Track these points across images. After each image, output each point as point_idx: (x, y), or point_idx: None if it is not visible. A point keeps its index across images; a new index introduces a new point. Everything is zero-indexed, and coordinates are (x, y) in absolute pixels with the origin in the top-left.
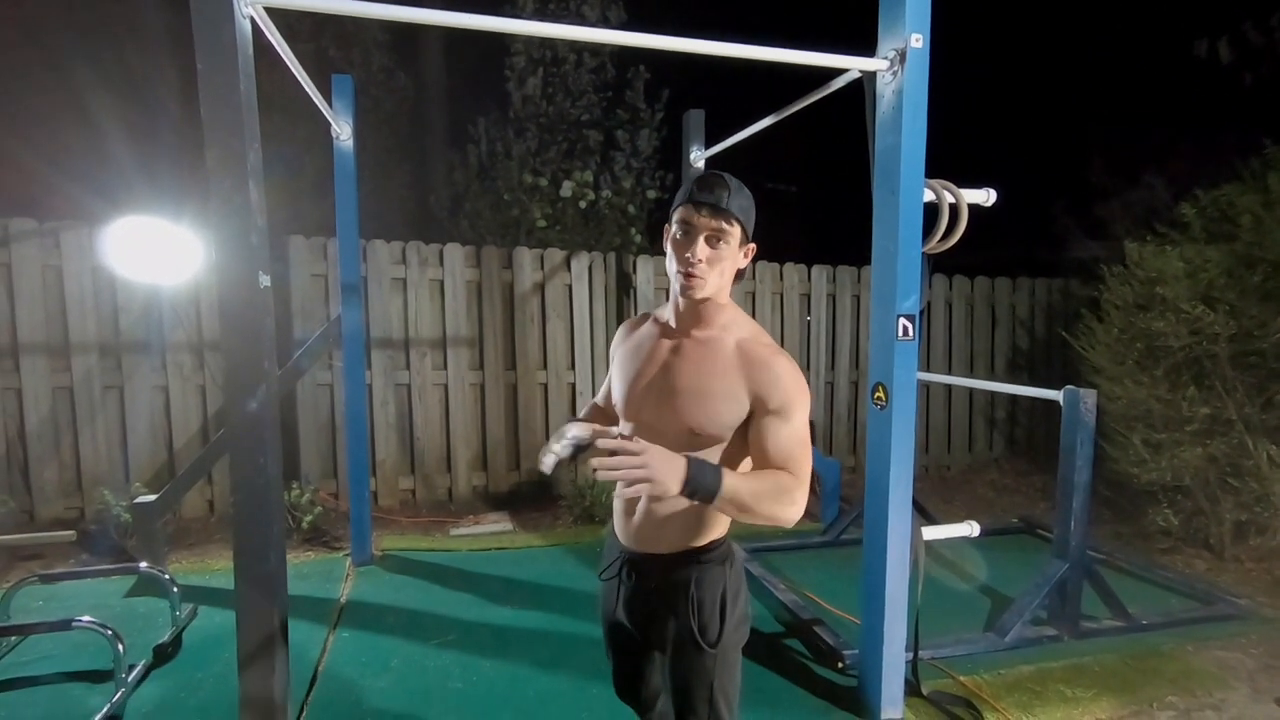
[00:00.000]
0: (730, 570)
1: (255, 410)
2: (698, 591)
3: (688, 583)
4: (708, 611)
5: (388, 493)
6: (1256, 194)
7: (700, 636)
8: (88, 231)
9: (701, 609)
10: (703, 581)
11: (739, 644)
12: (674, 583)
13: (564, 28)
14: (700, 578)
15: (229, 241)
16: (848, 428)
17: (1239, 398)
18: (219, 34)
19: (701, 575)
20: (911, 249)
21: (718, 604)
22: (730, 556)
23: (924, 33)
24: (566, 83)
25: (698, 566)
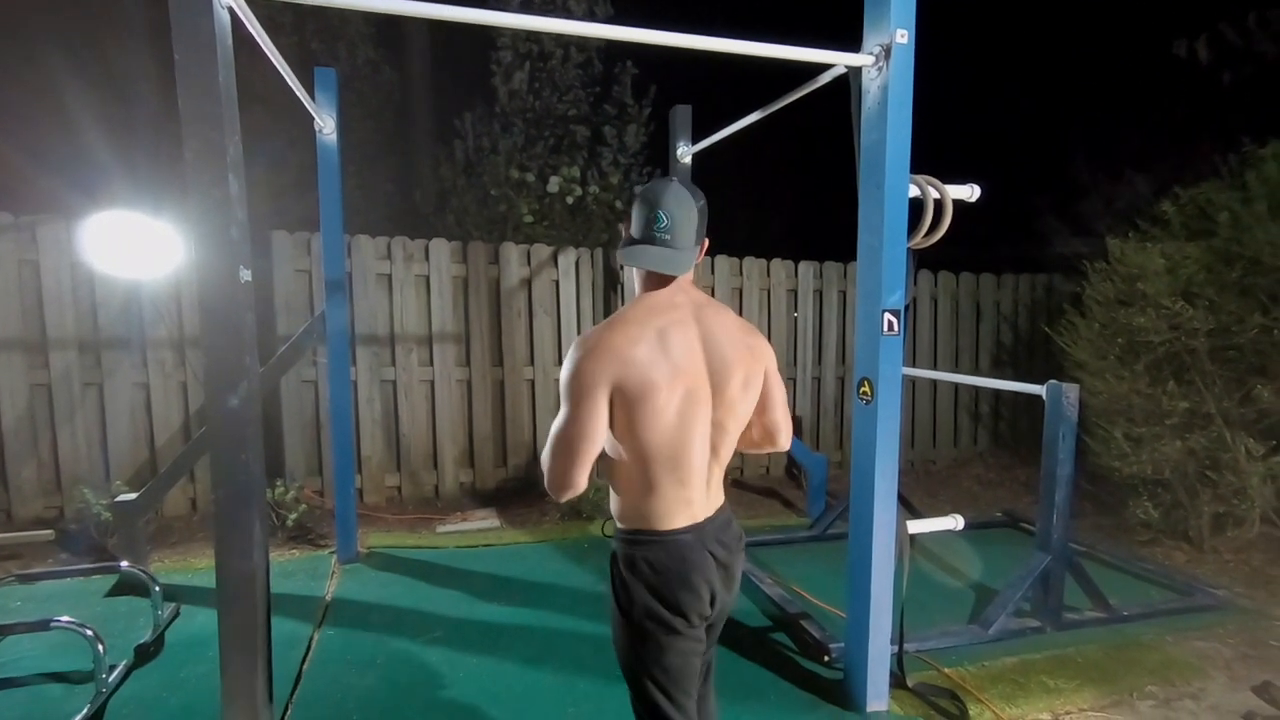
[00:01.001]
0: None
1: (236, 407)
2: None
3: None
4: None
5: (373, 490)
6: (1235, 191)
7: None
8: (65, 226)
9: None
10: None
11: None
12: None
13: (550, 21)
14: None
15: (209, 236)
16: (834, 423)
17: (1217, 392)
18: (197, 25)
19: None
20: (896, 244)
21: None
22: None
23: (909, 28)
24: (553, 78)
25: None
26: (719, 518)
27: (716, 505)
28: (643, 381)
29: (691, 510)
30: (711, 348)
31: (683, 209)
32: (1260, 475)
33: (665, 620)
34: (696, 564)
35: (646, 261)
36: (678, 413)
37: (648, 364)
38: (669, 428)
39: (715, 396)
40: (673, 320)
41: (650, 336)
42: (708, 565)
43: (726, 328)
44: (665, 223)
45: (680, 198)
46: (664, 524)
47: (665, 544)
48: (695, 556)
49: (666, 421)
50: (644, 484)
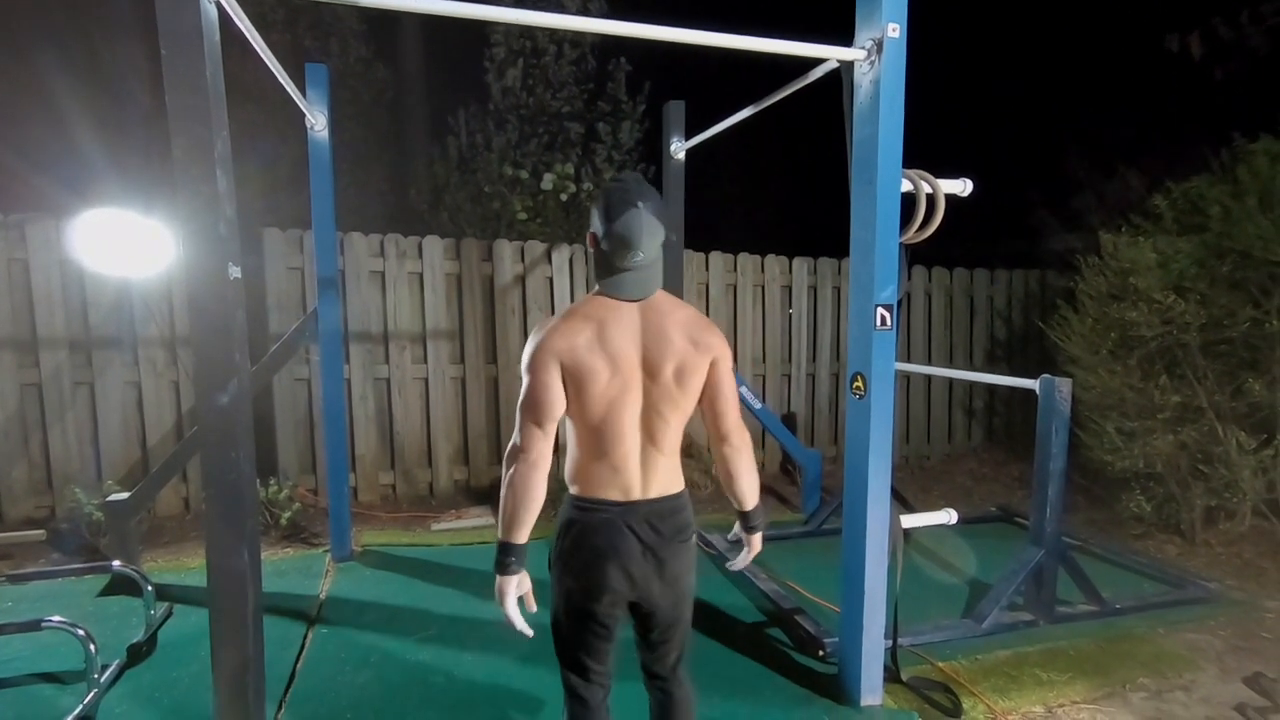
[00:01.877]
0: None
1: (226, 404)
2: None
3: (689, 524)
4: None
5: (368, 488)
6: (1226, 185)
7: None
8: (55, 224)
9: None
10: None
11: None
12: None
13: (543, 15)
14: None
15: (197, 232)
16: (829, 419)
17: (1209, 386)
18: (183, 19)
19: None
20: (889, 239)
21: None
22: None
23: (901, 22)
24: (547, 74)
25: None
26: (660, 504)
27: (659, 492)
28: (581, 365)
29: (623, 487)
30: (649, 339)
31: (654, 239)
32: (1251, 468)
33: (571, 587)
34: (614, 541)
35: (625, 292)
36: (609, 397)
37: (585, 350)
38: (601, 408)
39: (648, 382)
40: (616, 316)
41: (591, 329)
42: (627, 544)
43: (673, 320)
44: (640, 256)
45: (652, 229)
46: (594, 492)
47: (591, 513)
48: (613, 533)
49: (599, 403)
50: (582, 453)
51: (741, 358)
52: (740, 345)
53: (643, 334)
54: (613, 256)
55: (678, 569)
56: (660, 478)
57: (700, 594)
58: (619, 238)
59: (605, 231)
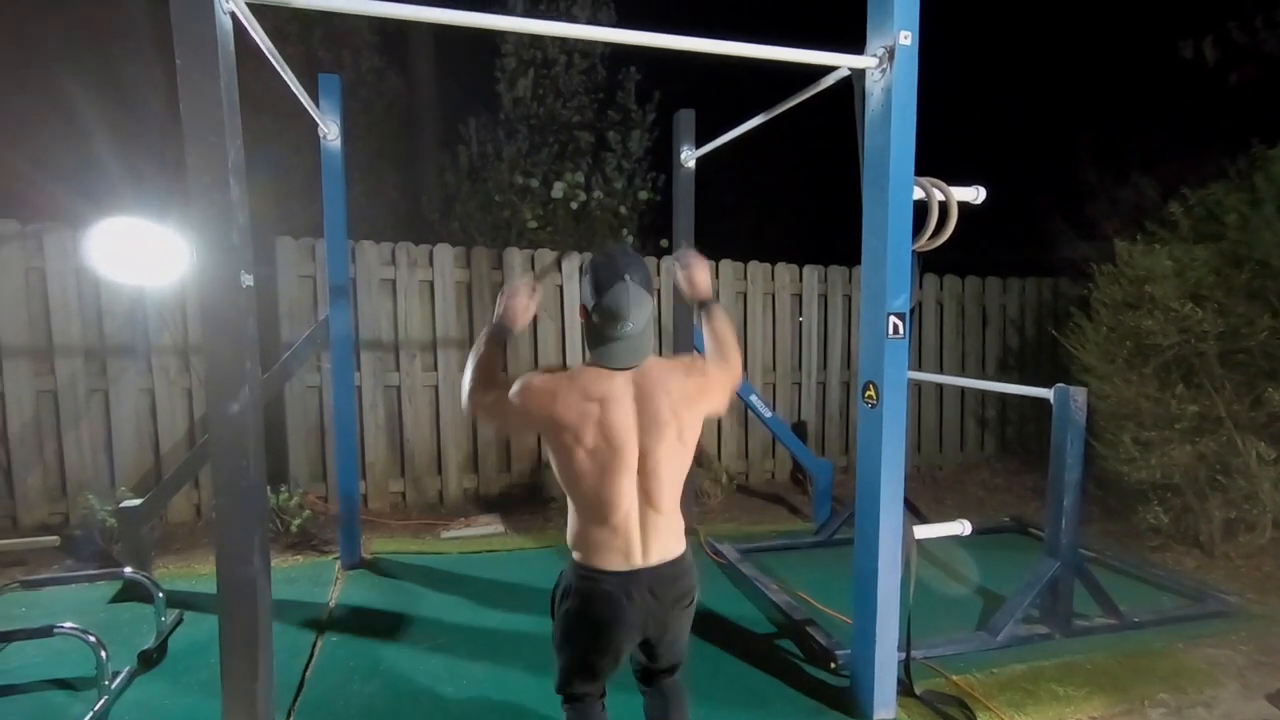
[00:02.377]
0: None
1: (237, 413)
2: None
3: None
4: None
5: (377, 495)
6: (1243, 193)
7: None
8: (71, 233)
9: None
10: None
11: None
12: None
13: (553, 24)
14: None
15: (210, 240)
16: (840, 428)
17: (1227, 395)
18: (199, 30)
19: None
20: (901, 247)
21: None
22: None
23: (913, 30)
24: (557, 84)
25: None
26: (665, 570)
27: (660, 558)
28: (565, 431)
29: (627, 556)
30: (644, 408)
31: (642, 310)
32: (1272, 480)
33: (572, 647)
34: (616, 612)
35: (618, 361)
36: (600, 464)
37: (576, 421)
38: (592, 476)
39: (645, 448)
40: (610, 389)
41: (578, 399)
42: (629, 614)
43: (666, 383)
44: (630, 326)
45: (640, 301)
46: (595, 560)
47: (593, 582)
48: (615, 604)
49: (588, 468)
50: (581, 520)
51: (752, 366)
52: (750, 354)
53: (637, 404)
54: (603, 328)
55: (678, 630)
56: (661, 541)
57: (711, 605)
58: (608, 311)
59: (595, 305)
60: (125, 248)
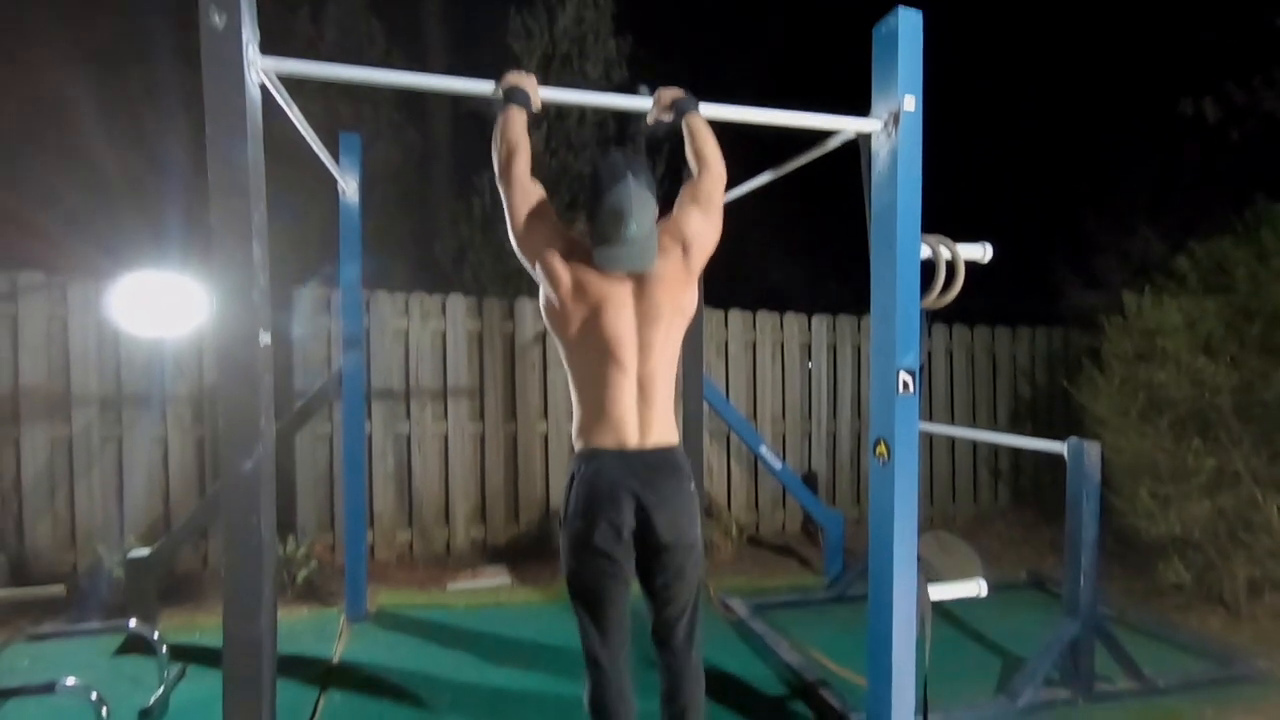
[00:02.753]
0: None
1: (250, 470)
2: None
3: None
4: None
5: (385, 545)
6: (1250, 247)
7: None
8: (95, 285)
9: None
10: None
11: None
12: (677, 467)
13: (568, 92)
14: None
15: (231, 299)
16: (850, 478)
17: (1245, 450)
18: (229, 99)
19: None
20: (910, 304)
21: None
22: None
23: (917, 95)
24: (569, 137)
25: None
26: (658, 455)
27: (659, 443)
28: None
29: (623, 440)
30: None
31: (647, 210)
32: None
33: (580, 532)
34: (613, 477)
35: (619, 265)
36: (598, 372)
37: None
38: (591, 382)
39: (642, 359)
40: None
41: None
42: (625, 480)
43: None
44: (634, 228)
45: (644, 200)
46: (595, 443)
47: (594, 459)
48: (612, 472)
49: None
50: (582, 414)
51: (761, 416)
52: (760, 403)
53: (635, 305)
54: (606, 229)
55: (677, 507)
56: (655, 431)
57: (721, 664)
58: (611, 210)
59: (596, 204)
60: (146, 300)
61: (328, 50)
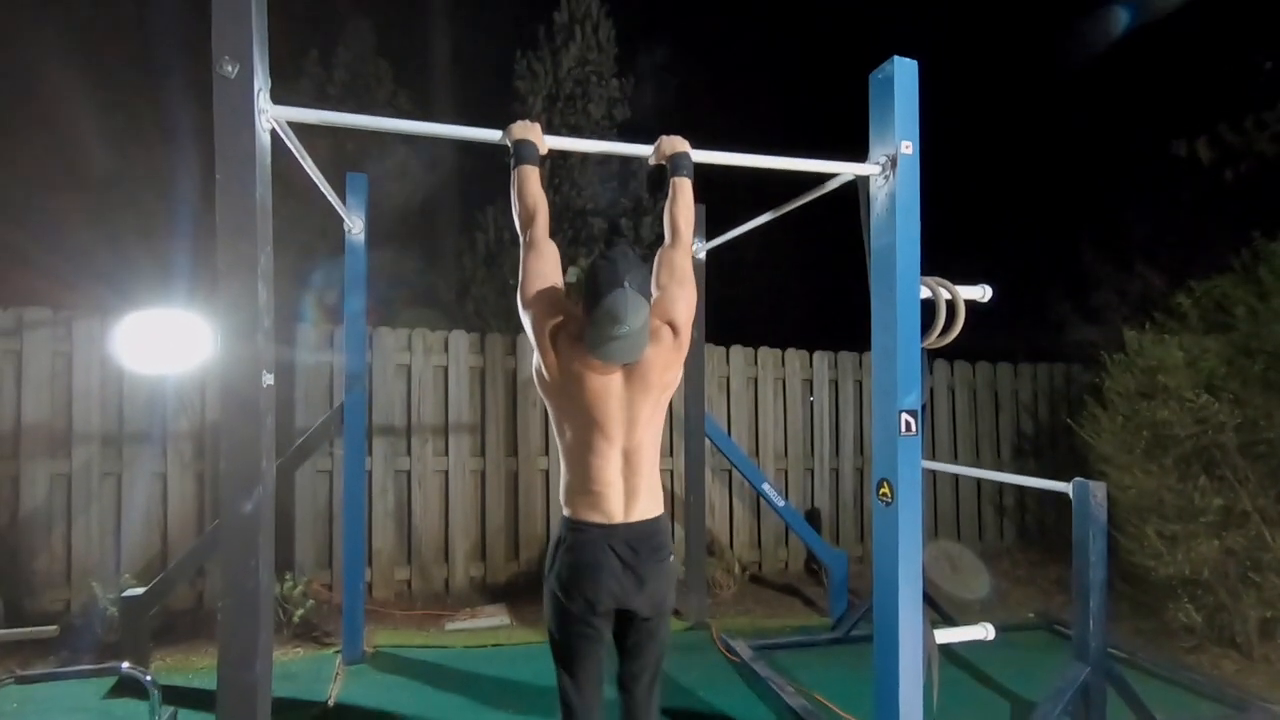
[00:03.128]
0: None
1: (250, 512)
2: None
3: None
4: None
5: (383, 584)
6: (1249, 285)
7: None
8: (100, 321)
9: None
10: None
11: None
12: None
13: (573, 141)
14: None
15: (235, 340)
16: (854, 516)
17: (1251, 488)
18: (240, 146)
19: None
20: (911, 345)
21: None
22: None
23: (913, 140)
24: (573, 175)
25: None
26: (642, 527)
27: (644, 515)
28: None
29: (609, 514)
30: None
31: (640, 314)
32: None
33: (561, 599)
34: (598, 559)
35: (612, 359)
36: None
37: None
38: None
39: (629, 435)
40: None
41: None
42: (608, 562)
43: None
44: (626, 329)
45: (637, 305)
46: (583, 516)
47: (580, 533)
48: (598, 551)
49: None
50: (570, 482)
51: (763, 453)
52: (762, 440)
53: (625, 390)
54: (600, 328)
55: (657, 584)
56: (639, 502)
57: (724, 708)
58: (606, 314)
59: (594, 307)
60: (151, 336)
61: (336, 90)
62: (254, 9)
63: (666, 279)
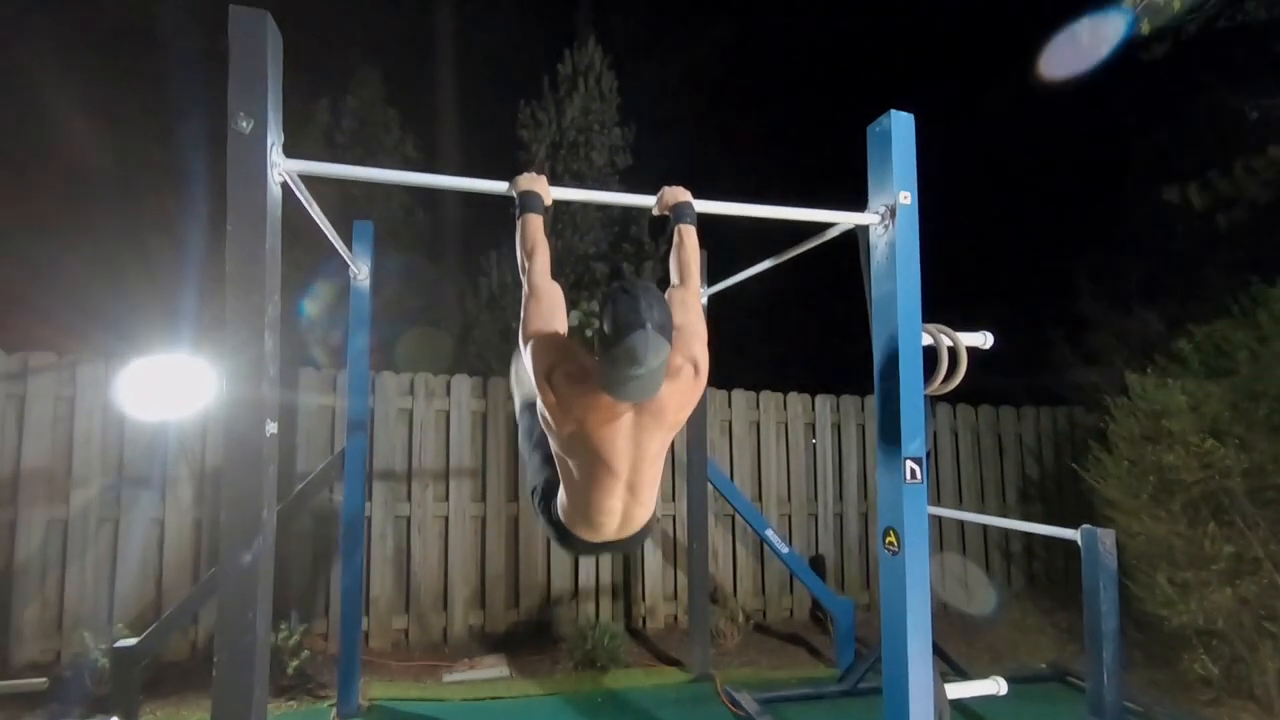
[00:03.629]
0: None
1: (249, 563)
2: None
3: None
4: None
5: (380, 633)
6: (1249, 329)
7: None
8: (104, 365)
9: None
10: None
11: None
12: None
13: (577, 191)
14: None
15: (240, 389)
16: (859, 562)
17: (1262, 535)
18: (251, 198)
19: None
20: (914, 392)
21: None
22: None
23: (911, 190)
24: (575, 220)
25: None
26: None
27: (634, 529)
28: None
29: (602, 532)
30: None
31: (660, 355)
32: None
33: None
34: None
35: (628, 396)
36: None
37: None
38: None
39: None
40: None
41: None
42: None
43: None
44: (643, 370)
45: (659, 347)
46: (577, 531)
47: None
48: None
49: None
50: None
51: (766, 497)
52: (765, 484)
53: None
54: (618, 366)
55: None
56: (633, 521)
57: None
58: (626, 354)
59: (613, 345)
60: (155, 381)
61: (344, 138)
62: (270, 68)
63: (682, 317)
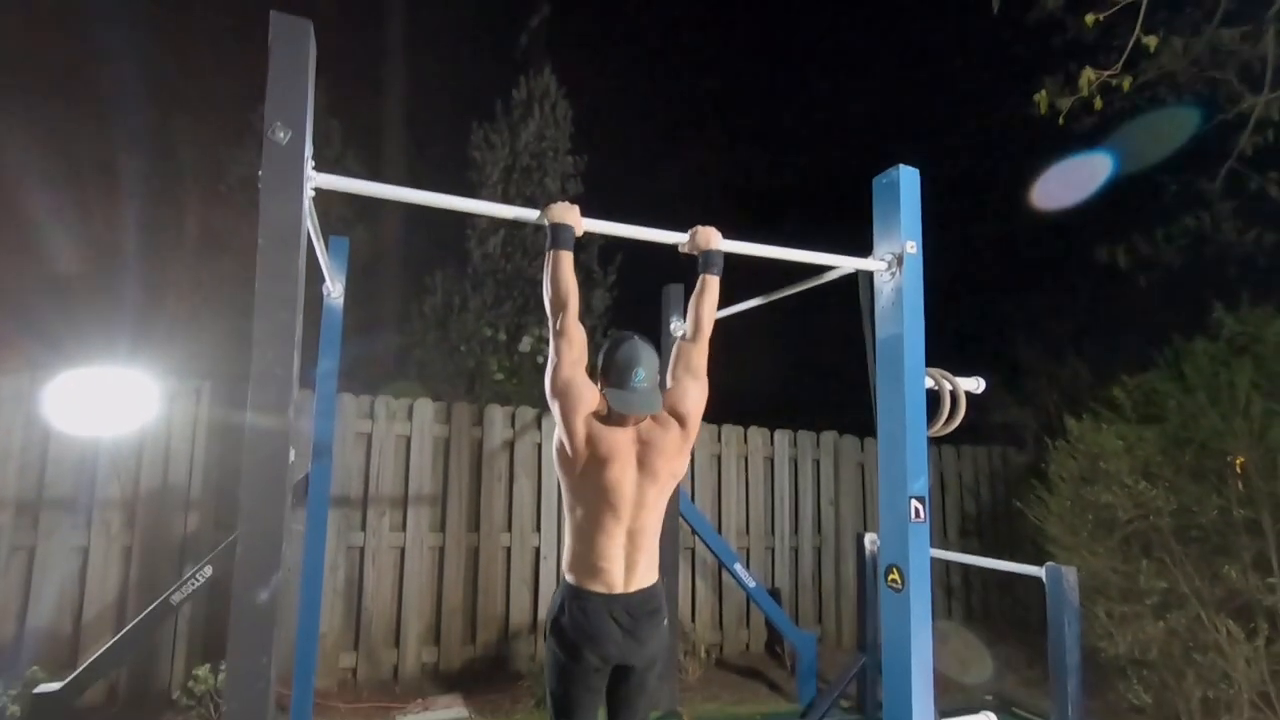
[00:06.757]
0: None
1: (265, 602)
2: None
3: (664, 610)
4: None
5: (326, 671)
6: (1175, 381)
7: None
8: (29, 378)
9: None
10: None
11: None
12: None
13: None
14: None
15: (266, 416)
16: (813, 596)
17: (1188, 571)
18: (286, 213)
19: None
20: (918, 433)
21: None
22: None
23: (917, 240)
24: (525, 244)
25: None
26: (637, 595)
27: (642, 585)
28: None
29: (610, 585)
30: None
31: (652, 362)
32: (1245, 658)
33: (563, 658)
34: (600, 626)
35: (631, 407)
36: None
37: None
38: (589, 529)
39: (636, 515)
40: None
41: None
42: (609, 628)
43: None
44: (642, 374)
45: (648, 352)
46: (586, 585)
47: (583, 600)
48: (599, 617)
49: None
50: (575, 553)
51: (726, 530)
52: (725, 517)
53: (638, 465)
54: (618, 379)
55: (653, 644)
56: (639, 574)
57: None
58: (621, 361)
59: (609, 361)
60: (87, 396)
61: None
62: (309, 77)
63: (681, 372)
